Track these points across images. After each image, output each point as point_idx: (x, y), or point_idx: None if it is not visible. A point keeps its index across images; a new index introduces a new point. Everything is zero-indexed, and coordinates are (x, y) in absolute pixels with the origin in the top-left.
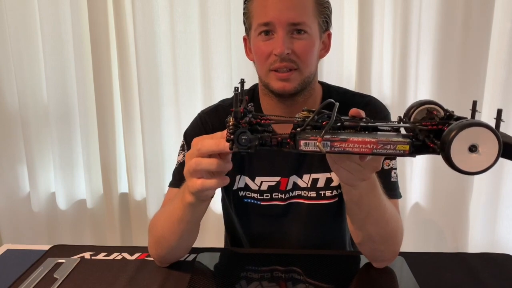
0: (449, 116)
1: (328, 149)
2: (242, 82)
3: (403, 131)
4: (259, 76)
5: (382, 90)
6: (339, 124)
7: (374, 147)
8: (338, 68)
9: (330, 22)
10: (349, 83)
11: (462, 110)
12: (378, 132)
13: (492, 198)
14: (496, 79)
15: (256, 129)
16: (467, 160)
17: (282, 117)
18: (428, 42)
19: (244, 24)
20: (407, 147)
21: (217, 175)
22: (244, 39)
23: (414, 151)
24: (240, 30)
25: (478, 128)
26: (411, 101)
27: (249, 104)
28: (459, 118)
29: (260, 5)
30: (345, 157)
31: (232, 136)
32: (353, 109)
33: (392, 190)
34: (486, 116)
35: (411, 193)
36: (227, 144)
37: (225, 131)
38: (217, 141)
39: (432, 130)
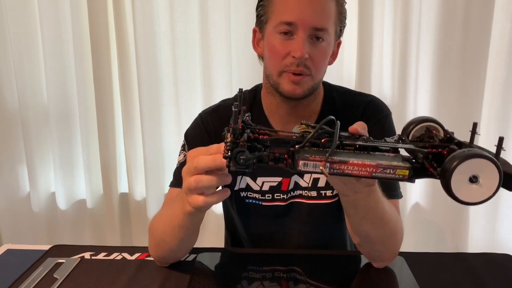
0: (449, 139)
1: (327, 170)
2: (241, 91)
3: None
4: (268, 74)
5: (382, 90)
6: (338, 142)
7: (374, 170)
8: (338, 68)
9: (343, 31)
10: (349, 83)
11: (462, 111)
12: (377, 153)
13: (492, 198)
14: (496, 79)
15: (254, 146)
16: (466, 190)
17: (281, 132)
18: (428, 42)
19: (260, 16)
20: (406, 172)
21: (219, 190)
22: (254, 31)
23: (413, 176)
24: (240, 31)
25: (481, 160)
26: (411, 101)
27: (246, 115)
28: (460, 142)
29: (284, 2)
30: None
31: (229, 154)
32: (351, 127)
33: (393, 190)
34: (486, 116)
35: (411, 193)
36: (224, 160)
37: (221, 145)
38: (214, 157)
39: (431, 152)
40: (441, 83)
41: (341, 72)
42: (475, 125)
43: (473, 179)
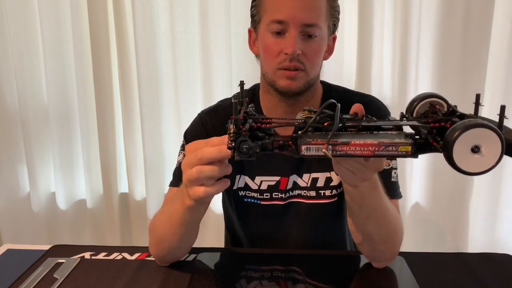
0: (452, 112)
1: (330, 153)
2: (242, 84)
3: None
4: (264, 73)
5: (382, 90)
6: (340, 124)
7: (376, 149)
8: (338, 68)
9: (337, 25)
10: (349, 83)
11: (462, 110)
12: (380, 132)
13: (492, 198)
14: (496, 79)
15: (256, 135)
16: (469, 160)
17: (283, 119)
18: (428, 42)
19: (253, 16)
20: (409, 148)
21: (218, 180)
22: (249, 31)
23: (416, 151)
24: (240, 31)
25: (482, 130)
26: None
27: (250, 106)
28: (462, 114)
29: (275, 1)
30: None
31: (233, 144)
32: (355, 104)
33: (392, 190)
34: (486, 116)
35: (411, 193)
36: (229, 151)
37: (224, 137)
38: (219, 148)
39: (434, 127)
40: (441, 83)
41: (341, 72)
42: (478, 96)
43: (475, 149)
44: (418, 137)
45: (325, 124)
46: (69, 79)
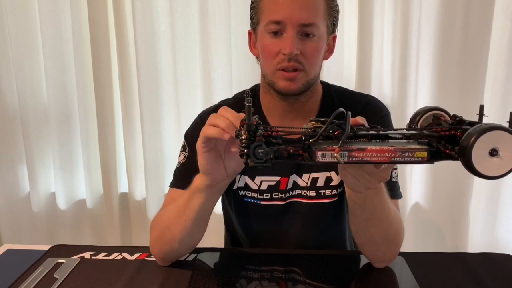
0: (460, 121)
1: (345, 159)
2: (248, 94)
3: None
4: (264, 73)
5: (382, 90)
6: (351, 133)
7: (392, 155)
8: (338, 68)
9: (337, 25)
10: (349, 83)
11: (462, 110)
12: (390, 140)
13: (492, 198)
14: (496, 79)
15: (270, 141)
16: (488, 164)
17: (292, 128)
18: (428, 42)
19: (252, 18)
20: (425, 154)
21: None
22: (249, 33)
23: (432, 158)
24: (240, 31)
25: (499, 132)
26: (411, 101)
27: (255, 116)
28: (472, 122)
29: (271, 2)
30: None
31: (246, 150)
32: (353, 119)
33: (392, 190)
34: (488, 116)
35: (411, 193)
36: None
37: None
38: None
39: (443, 136)
40: (441, 83)
41: (341, 72)
42: (481, 107)
43: (493, 153)
44: (429, 146)
45: (336, 133)
46: (69, 79)
